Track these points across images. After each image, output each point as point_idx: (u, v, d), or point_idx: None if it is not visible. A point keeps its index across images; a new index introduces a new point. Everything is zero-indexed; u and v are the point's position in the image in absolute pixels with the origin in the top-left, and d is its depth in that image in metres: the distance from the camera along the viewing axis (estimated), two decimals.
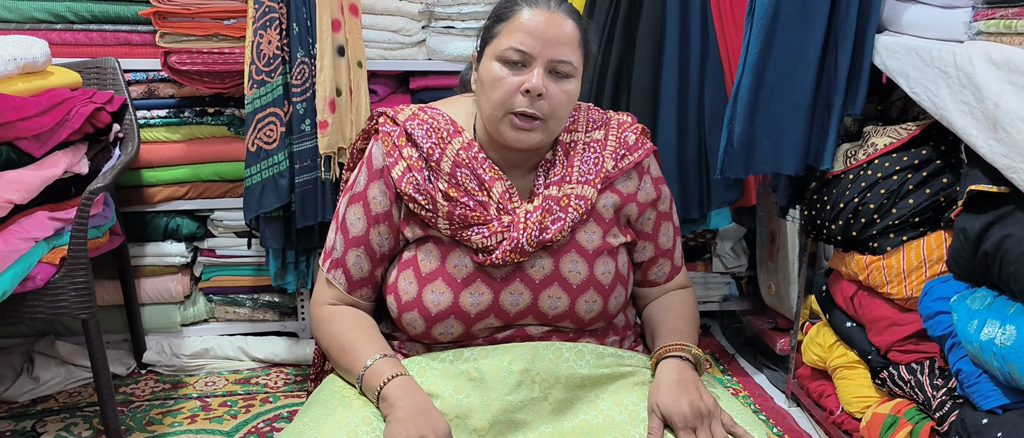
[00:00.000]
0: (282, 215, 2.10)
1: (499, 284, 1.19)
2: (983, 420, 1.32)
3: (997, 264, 1.31)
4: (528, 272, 1.20)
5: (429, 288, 1.19)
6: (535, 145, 1.19)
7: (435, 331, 1.20)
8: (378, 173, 1.24)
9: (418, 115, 1.25)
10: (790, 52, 1.71)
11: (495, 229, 1.18)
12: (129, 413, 2.07)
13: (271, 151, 2.03)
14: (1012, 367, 1.26)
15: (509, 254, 1.17)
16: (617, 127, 1.29)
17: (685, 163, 2.07)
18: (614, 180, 1.26)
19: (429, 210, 1.20)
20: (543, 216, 1.19)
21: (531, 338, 1.22)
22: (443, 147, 1.22)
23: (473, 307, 1.19)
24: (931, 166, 1.63)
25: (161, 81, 2.22)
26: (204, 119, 2.25)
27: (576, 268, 1.21)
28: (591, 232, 1.23)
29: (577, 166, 1.24)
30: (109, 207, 1.98)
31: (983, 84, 1.33)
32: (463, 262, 1.20)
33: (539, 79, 1.13)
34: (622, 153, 1.26)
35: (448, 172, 1.20)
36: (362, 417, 1.10)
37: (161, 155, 2.24)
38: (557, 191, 1.22)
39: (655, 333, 1.29)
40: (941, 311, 1.48)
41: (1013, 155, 1.26)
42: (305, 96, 2.03)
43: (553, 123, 1.18)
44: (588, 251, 1.22)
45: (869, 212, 1.67)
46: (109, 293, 2.27)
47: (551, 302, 1.20)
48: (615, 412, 1.13)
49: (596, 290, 1.21)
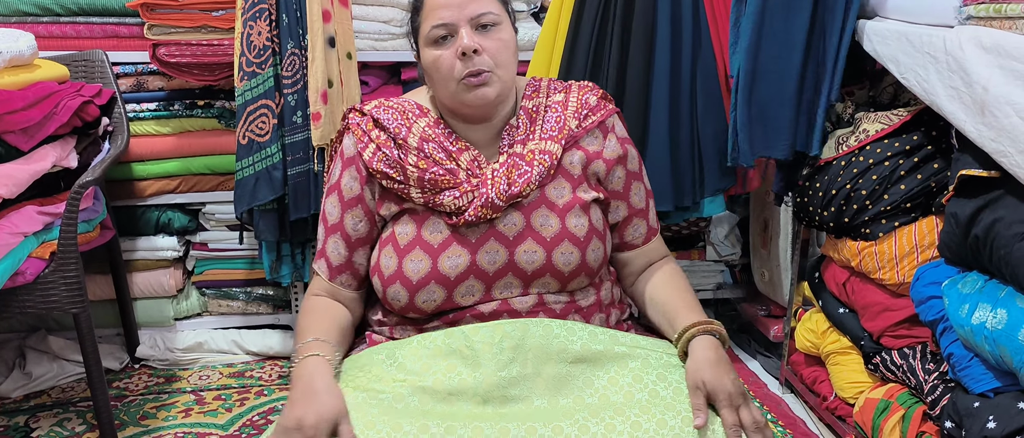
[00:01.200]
0: (276, 208, 2.10)
1: (474, 244, 1.23)
2: (975, 403, 1.33)
3: (988, 248, 1.32)
4: (501, 229, 1.24)
5: (408, 257, 1.23)
6: (496, 97, 1.23)
7: (418, 299, 1.23)
8: (349, 161, 1.29)
9: (384, 103, 1.32)
10: (778, 38, 1.73)
11: (465, 189, 1.23)
12: (123, 408, 2.06)
13: (264, 143, 2.02)
14: (1003, 350, 1.27)
15: (481, 210, 1.21)
16: (578, 90, 1.34)
17: (678, 151, 2.07)
18: (579, 138, 1.30)
19: (400, 181, 1.24)
20: (509, 171, 1.24)
21: (517, 313, 1.24)
22: (409, 126, 1.28)
23: (452, 270, 1.22)
24: (922, 152, 1.63)
25: (150, 74, 2.21)
26: (194, 112, 2.23)
27: (547, 222, 1.25)
28: (561, 188, 1.27)
29: (540, 126, 1.29)
30: (99, 201, 1.97)
31: (972, 69, 1.33)
32: (438, 228, 1.24)
33: (469, 38, 1.19)
34: (585, 113, 1.31)
35: (416, 147, 1.25)
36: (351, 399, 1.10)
37: (151, 148, 2.23)
38: (522, 149, 1.27)
39: (667, 309, 1.29)
40: (933, 296, 1.48)
41: (1002, 139, 1.26)
42: (296, 88, 2.03)
43: (502, 71, 1.23)
44: (558, 205, 1.26)
45: (861, 198, 1.67)
46: (101, 288, 2.26)
47: (527, 256, 1.23)
48: (610, 391, 1.13)
49: (571, 242, 1.24)
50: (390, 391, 1.11)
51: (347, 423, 1.05)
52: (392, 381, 1.13)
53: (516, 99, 1.32)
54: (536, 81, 1.36)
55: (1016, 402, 1.27)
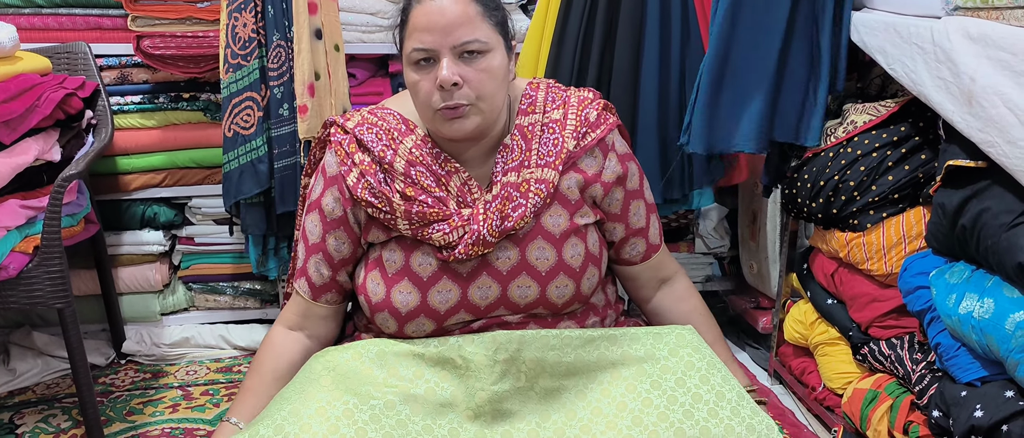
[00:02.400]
0: (262, 201, 2.09)
1: (465, 280, 1.18)
2: (962, 392, 1.34)
3: (975, 238, 1.32)
4: (494, 264, 1.18)
5: (396, 289, 1.19)
6: (475, 130, 1.16)
7: (408, 329, 1.20)
8: (332, 181, 1.23)
9: (368, 119, 1.23)
10: (753, 30, 1.70)
11: (455, 224, 1.16)
12: (109, 404, 2.04)
13: (248, 136, 2.01)
14: (990, 340, 1.27)
15: (471, 248, 1.15)
16: (577, 105, 1.26)
17: (667, 143, 2.07)
18: (577, 159, 1.23)
19: (387, 213, 1.18)
20: (503, 205, 1.17)
21: (508, 326, 1.20)
22: (395, 148, 1.20)
23: (442, 305, 1.18)
24: (910, 143, 1.63)
25: (134, 66, 2.18)
26: (179, 105, 2.21)
27: (543, 255, 1.19)
28: (557, 215, 1.21)
29: (536, 149, 1.21)
30: (83, 195, 1.94)
31: (960, 59, 1.33)
32: (427, 260, 1.18)
33: (448, 70, 1.10)
34: (583, 131, 1.23)
35: (402, 172, 1.18)
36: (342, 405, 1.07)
37: (136, 142, 2.20)
38: (516, 177, 1.19)
39: None
40: (920, 286, 1.49)
41: (989, 129, 1.26)
42: (282, 80, 2.01)
43: (484, 104, 1.15)
44: (555, 235, 1.20)
45: (849, 189, 1.67)
46: (86, 283, 2.24)
47: (521, 291, 1.19)
48: (603, 403, 1.11)
49: (566, 274, 1.19)
50: (380, 397, 1.08)
51: None
52: (383, 386, 1.11)
53: (510, 115, 1.24)
54: (532, 91, 1.26)
55: (1003, 391, 1.28)
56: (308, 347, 1.30)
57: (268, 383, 1.25)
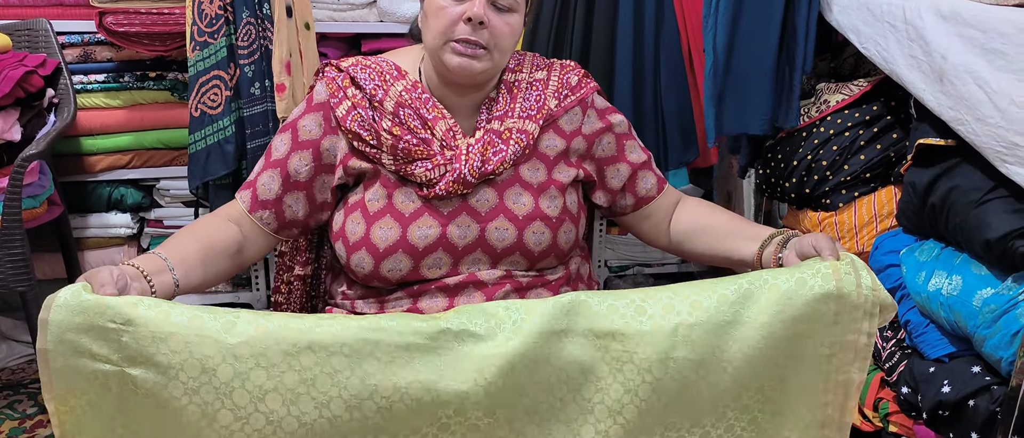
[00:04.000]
0: (232, 182, 2.05)
1: (446, 217, 1.21)
2: (930, 369, 1.35)
3: (944, 216, 1.33)
4: (473, 205, 1.22)
5: (377, 224, 1.21)
6: (479, 74, 1.20)
7: (383, 268, 1.20)
8: (318, 107, 1.25)
9: (362, 61, 1.28)
10: (757, 11, 1.70)
11: (438, 162, 1.20)
12: None
13: (215, 116, 1.97)
14: (958, 316, 1.28)
15: (452, 185, 1.19)
16: (560, 69, 1.33)
17: (642, 125, 2.07)
18: (557, 118, 1.28)
19: (374, 146, 1.22)
20: (485, 148, 1.22)
21: (483, 285, 1.21)
22: (386, 88, 1.24)
23: (421, 240, 1.20)
24: (882, 122, 1.64)
25: (98, 44, 2.13)
26: (145, 84, 2.16)
27: (520, 200, 1.23)
28: (535, 169, 1.26)
29: (520, 103, 1.27)
30: (46, 176, 1.90)
31: (931, 37, 1.33)
32: (410, 198, 1.22)
33: (480, 7, 1.15)
34: (565, 93, 1.30)
35: (391, 111, 1.22)
36: None
37: (101, 122, 2.15)
38: (499, 125, 1.25)
39: (734, 227, 1.26)
40: (891, 264, 1.50)
41: (960, 107, 1.27)
42: (253, 58, 1.97)
43: (497, 55, 1.20)
44: (532, 185, 1.24)
45: (822, 169, 1.68)
46: (51, 266, 2.19)
47: (498, 234, 1.21)
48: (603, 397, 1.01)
49: (543, 222, 1.23)
50: None
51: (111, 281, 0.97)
52: None
53: (498, 74, 1.29)
54: (520, 55, 1.33)
55: (970, 366, 1.29)
56: (242, 244, 1.24)
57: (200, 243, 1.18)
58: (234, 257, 1.23)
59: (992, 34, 1.21)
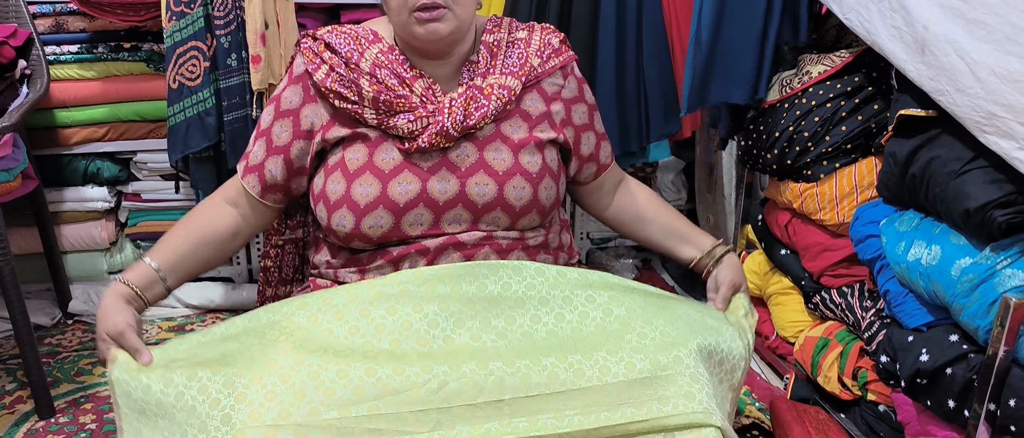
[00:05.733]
0: (212, 155, 2.02)
1: (426, 172, 1.21)
2: (909, 337, 1.37)
3: (924, 186, 1.34)
4: (454, 160, 1.22)
5: (357, 182, 1.21)
6: (449, 34, 1.20)
7: (364, 224, 1.20)
8: (297, 79, 1.27)
9: (338, 28, 1.28)
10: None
11: (420, 114, 1.21)
12: (56, 364, 1.99)
13: (194, 88, 1.94)
14: (937, 286, 1.30)
15: (435, 137, 1.20)
16: (540, 30, 1.34)
17: (624, 96, 2.06)
18: (541, 79, 1.30)
19: (355, 101, 1.22)
20: (467, 103, 1.23)
21: (464, 246, 1.22)
22: (362, 50, 1.25)
23: (402, 196, 1.20)
24: (863, 93, 1.64)
25: (70, 13, 2.08)
26: (120, 55, 2.12)
27: (500, 156, 1.24)
28: (516, 126, 1.27)
29: (501, 61, 1.28)
30: (20, 149, 1.86)
31: (913, 7, 1.33)
32: (391, 155, 1.22)
33: None
34: (548, 53, 1.31)
35: (368, 71, 1.22)
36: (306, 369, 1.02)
37: (75, 94, 2.11)
38: (482, 82, 1.26)
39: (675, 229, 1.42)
40: (871, 235, 1.51)
41: (940, 78, 1.27)
42: (230, 29, 1.93)
43: (459, 9, 1.19)
44: (513, 141, 1.25)
45: (803, 140, 1.68)
46: (27, 240, 2.16)
47: (479, 189, 1.22)
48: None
49: (523, 176, 1.24)
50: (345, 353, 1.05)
51: (131, 332, 1.13)
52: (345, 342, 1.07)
53: (476, 36, 1.29)
54: (497, 18, 1.34)
55: (948, 335, 1.31)
56: (238, 226, 1.32)
57: (194, 241, 1.27)
58: (229, 242, 1.32)
59: (974, 3, 1.21)
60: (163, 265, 1.24)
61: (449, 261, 1.22)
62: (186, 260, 1.26)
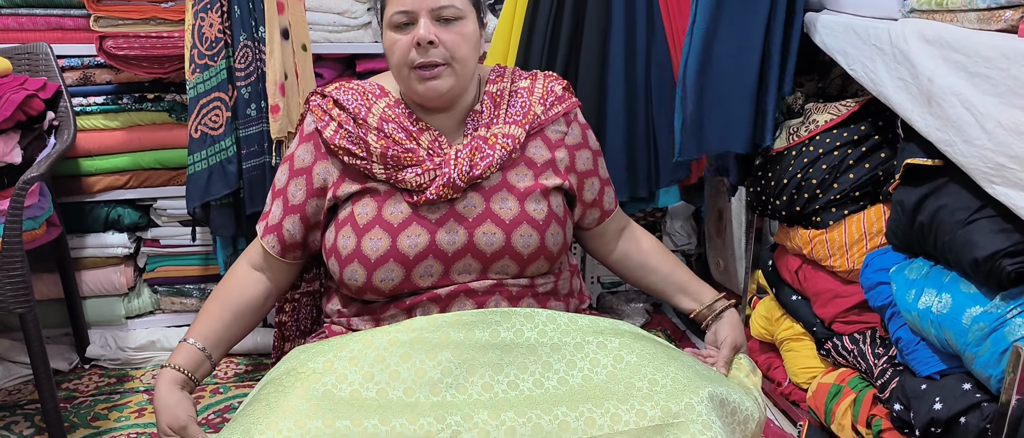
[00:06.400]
0: (231, 202, 2.06)
1: (434, 224, 1.23)
2: (922, 386, 1.37)
3: (932, 234, 1.36)
4: (461, 211, 1.24)
5: (367, 236, 1.23)
6: (449, 91, 1.24)
7: (376, 278, 1.22)
8: (308, 137, 1.31)
9: (344, 85, 1.33)
10: (736, 30, 1.73)
11: (428, 167, 1.24)
12: (73, 409, 2.01)
13: (217, 137, 1.99)
14: (948, 334, 1.31)
15: (442, 189, 1.22)
16: (543, 79, 1.37)
17: (634, 141, 2.09)
18: (544, 127, 1.32)
19: (363, 157, 1.25)
20: (472, 153, 1.25)
21: (474, 293, 1.23)
22: (369, 105, 1.28)
23: (411, 249, 1.22)
24: (870, 141, 1.67)
25: (97, 67, 2.14)
26: (144, 105, 2.18)
27: (506, 205, 1.26)
28: (521, 175, 1.29)
29: (504, 110, 1.31)
30: (45, 197, 1.91)
31: (917, 60, 1.36)
32: (399, 208, 1.25)
33: (426, 29, 1.20)
34: (550, 101, 1.34)
35: (375, 126, 1.26)
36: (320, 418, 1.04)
37: (99, 143, 2.17)
38: (486, 132, 1.28)
39: (675, 280, 1.44)
40: (881, 282, 1.52)
41: (947, 129, 1.29)
42: (250, 80, 1.99)
43: (458, 66, 1.23)
44: (519, 189, 1.27)
45: (812, 187, 1.70)
46: (48, 286, 2.20)
47: (487, 238, 1.24)
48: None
49: (530, 225, 1.25)
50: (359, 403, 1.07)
51: (193, 425, 1.19)
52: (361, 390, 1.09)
53: (479, 87, 1.33)
54: (500, 68, 1.37)
55: (961, 383, 1.31)
56: (268, 290, 1.37)
57: (228, 312, 1.32)
58: (262, 305, 1.37)
59: (976, 58, 1.23)
60: (207, 342, 1.28)
61: (461, 307, 1.23)
62: (227, 332, 1.32)
